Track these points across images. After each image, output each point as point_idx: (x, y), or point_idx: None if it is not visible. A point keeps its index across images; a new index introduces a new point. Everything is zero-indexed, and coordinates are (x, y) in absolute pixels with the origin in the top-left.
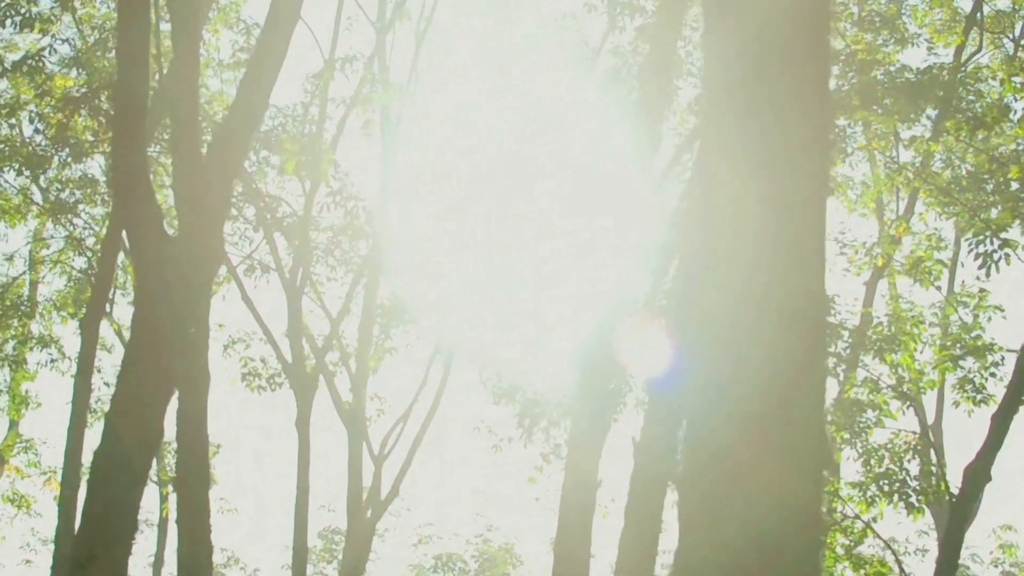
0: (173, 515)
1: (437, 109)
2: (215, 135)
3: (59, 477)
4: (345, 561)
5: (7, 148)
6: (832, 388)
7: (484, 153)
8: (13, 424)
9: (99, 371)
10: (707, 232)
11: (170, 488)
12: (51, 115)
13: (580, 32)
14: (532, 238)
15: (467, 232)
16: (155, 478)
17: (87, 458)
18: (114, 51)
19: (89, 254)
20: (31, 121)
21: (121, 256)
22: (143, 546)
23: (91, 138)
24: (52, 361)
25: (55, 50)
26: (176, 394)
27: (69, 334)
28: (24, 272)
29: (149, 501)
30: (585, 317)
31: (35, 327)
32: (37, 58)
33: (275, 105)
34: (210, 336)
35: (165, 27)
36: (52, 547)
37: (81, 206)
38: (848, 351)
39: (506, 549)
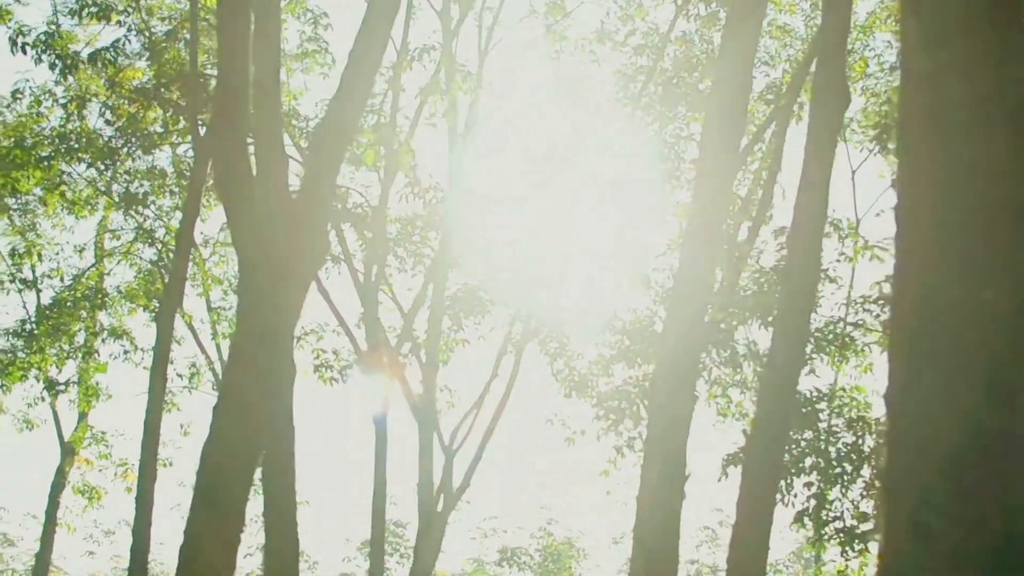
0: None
1: (507, 96)
2: (318, 126)
3: (135, 469)
4: (417, 554)
5: (81, 141)
6: None
7: (554, 141)
8: (83, 416)
9: (172, 363)
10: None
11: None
12: (121, 107)
13: (646, 20)
14: (607, 229)
15: (539, 222)
16: None
17: (163, 451)
18: (184, 41)
19: (159, 246)
20: (101, 114)
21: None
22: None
23: (160, 129)
24: (125, 353)
25: (129, 41)
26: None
27: (139, 326)
28: (94, 264)
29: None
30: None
31: (105, 319)
32: (113, 50)
33: None
34: None
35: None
36: (114, 539)
37: (150, 198)
38: None
39: (569, 543)
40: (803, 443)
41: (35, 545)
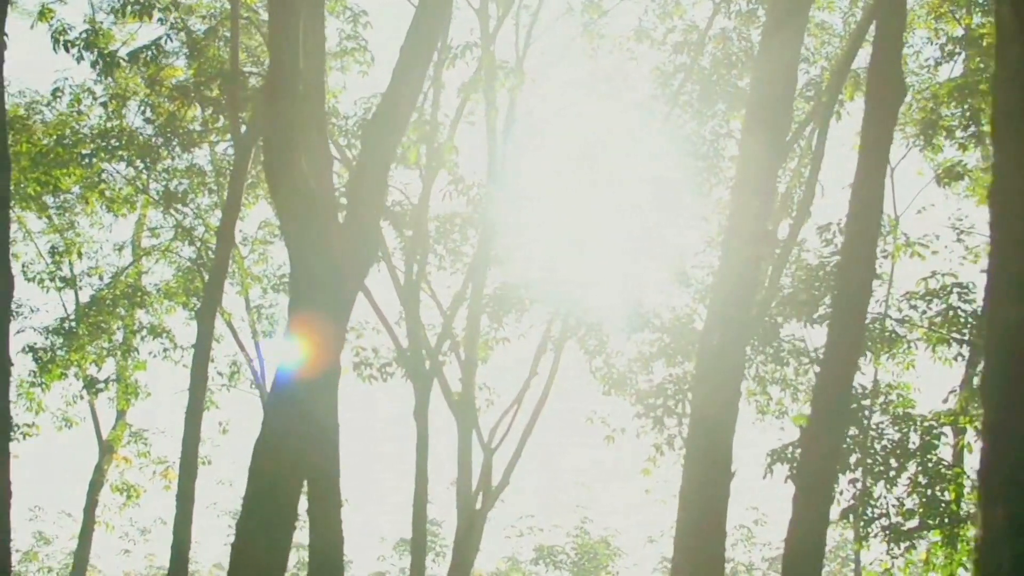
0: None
1: (546, 94)
2: (370, 122)
3: (175, 467)
4: (456, 553)
5: (122, 139)
6: None
7: (592, 139)
8: (121, 414)
9: (212, 361)
10: None
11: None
12: (161, 105)
13: (684, 18)
14: (646, 226)
15: (578, 220)
16: None
17: (202, 449)
18: (224, 40)
19: (198, 244)
20: (141, 112)
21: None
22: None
23: (199, 128)
24: (164, 351)
25: (171, 39)
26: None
27: (177, 324)
28: (132, 262)
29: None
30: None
31: (143, 317)
32: (154, 49)
33: (381, 93)
34: None
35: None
36: (149, 537)
37: (189, 196)
38: None
39: (606, 542)
40: (848, 440)
41: (70, 543)
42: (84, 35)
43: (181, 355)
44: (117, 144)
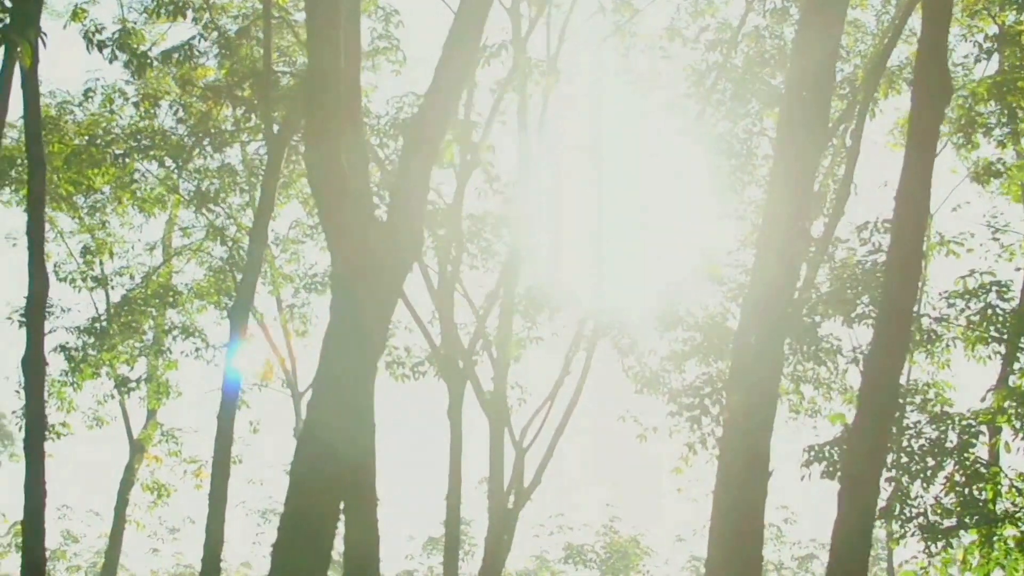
0: None
1: (578, 93)
2: (413, 121)
3: (208, 467)
4: (487, 551)
5: (155, 139)
6: None
7: (625, 137)
8: (152, 413)
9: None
10: None
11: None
12: (193, 105)
13: (716, 16)
14: (679, 225)
15: (610, 218)
16: None
17: (233, 449)
18: (256, 40)
19: (230, 243)
20: (173, 112)
21: None
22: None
23: (230, 128)
24: (197, 350)
25: (204, 38)
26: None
27: (209, 323)
28: (164, 261)
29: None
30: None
31: (174, 316)
32: (187, 48)
33: (413, 92)
34: None
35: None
36: (177, 536)
37: (221, 195)
38: None
39: (634, 541)
40: None
41: (97, 542)
42: (117, 35)
43: (213, 354)
44: (150, 144)
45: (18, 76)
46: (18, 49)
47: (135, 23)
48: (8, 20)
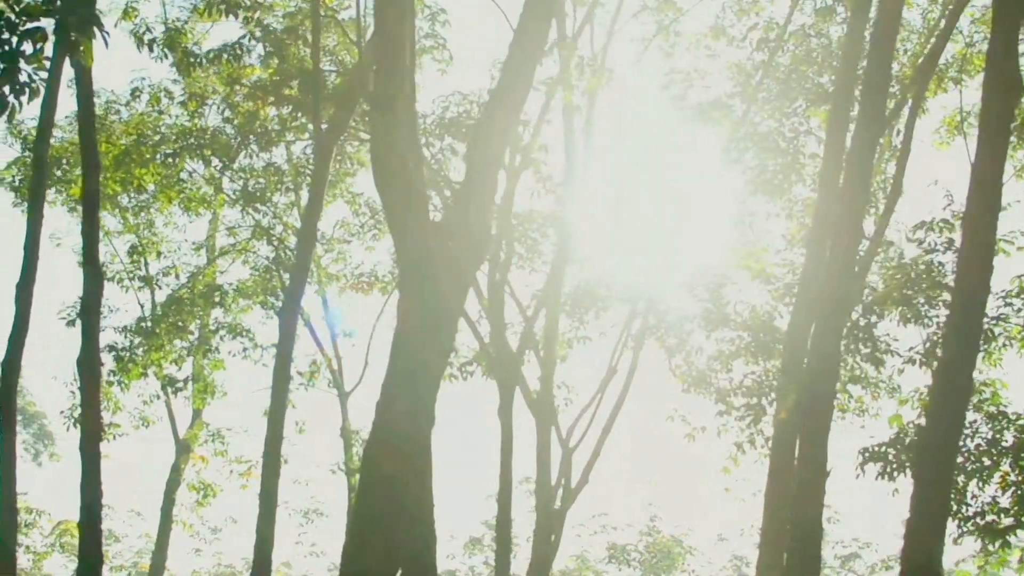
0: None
1: (624, 91)
2: (480, 122)
3: (258, 467)
4: (535, 551)
5: (205, 138)
6: None
7: (670, 137)
8: (197, 413)
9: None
10: None
11: (358, 478)
12: (242, 104)
13: (761, 15)
14: (725, 224)
15: (657, 217)
16: (343, 468)
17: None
18: (304, 39)
19: (276, 243)
20: (220, 111)
21: None
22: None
23: (276, 127)
24: (244, 350)
25: (255, 36)
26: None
27: (254, 323)
28: (209, 261)
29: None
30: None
31: (220, 315)
32: (237, 47)
33: (459, 91)
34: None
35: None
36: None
37: (267, 194)
38: None
39: (676, 540)
40: None
41: (137, 542)
42: (167, 34)
43: (261, 354)
44: (201, 143)
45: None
46: (81, 49)
47: (178, 20)
48: (68, 19)
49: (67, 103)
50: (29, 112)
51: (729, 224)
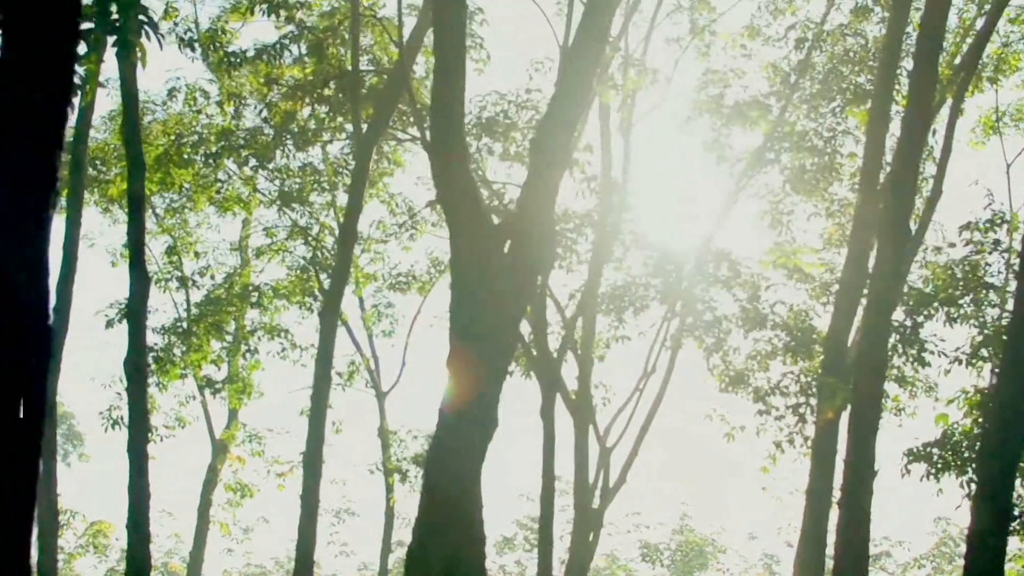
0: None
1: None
2: (541, 124)
3: (299, 467)
4: (572, 550)
5: (246, 138)
6: None
7: (706, 137)
8: (234, 413)
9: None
10: None
11: (396, 477)
12: (280, 104)
13: (796, 15)
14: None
15: (694, 217)
16: (381, 467)
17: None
18: (342, 39)
19: (313, 243)
20: (258, 112)
21: None
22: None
23: (313, 127)
24: (283, 350)
25: (296, 37)
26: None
27: (291, 323)
28: (243, 262)
29: (375, 491)
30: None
31: (256, 316)
32: (279, 47)
33: (496, 91)
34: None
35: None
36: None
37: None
38: None
39: (708, 540)
40: None
41: (167, 542)
42: (208, 33)
43: (300, 355)
44: (242, 143)
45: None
46: (137, 51)
47: (218, 19)
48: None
49: (100, 104)
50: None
51: (767, 223)
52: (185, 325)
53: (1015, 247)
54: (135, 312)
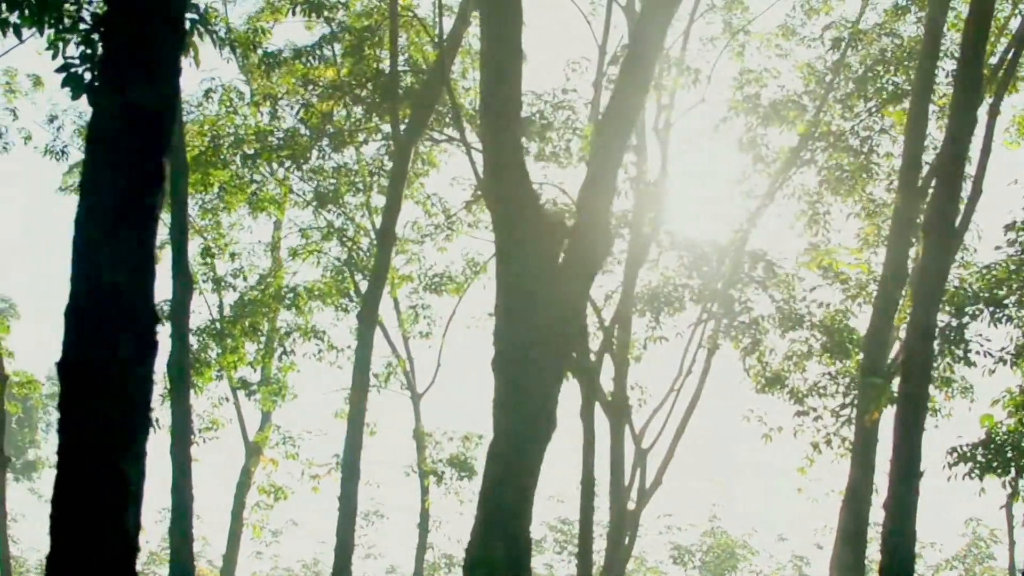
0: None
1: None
2: (600, 126)
3: (337, 470)
4: (608, 552)
5: (285, 139)
6: None
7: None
8: (267, 415)
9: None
10: None
11: (431, 479)
12: (317, 105)
13: (831, 14)
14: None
15: (728, 218)
16: (417, 469)
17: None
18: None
19: (349, 244)
20: (295, 113)
21: None
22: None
23: (349, 128)
24: (319, 352)
25: (336, 37)
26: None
27: (325, 325)
28: (274, 264)
29: (410, 494)
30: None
31: (290, 318)
32: (318, 48)
33: (532, 91)
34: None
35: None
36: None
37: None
38: None
39: (740, 542)
40: None
41: (195, 545)
42: (247, 33)
43: (336, 356)
44: (280, 144)
45: None
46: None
47: (255, 19)
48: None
49: None
50: None
51: (803, 223)
52: (219, 327)
53: None
54: (178, 314)
